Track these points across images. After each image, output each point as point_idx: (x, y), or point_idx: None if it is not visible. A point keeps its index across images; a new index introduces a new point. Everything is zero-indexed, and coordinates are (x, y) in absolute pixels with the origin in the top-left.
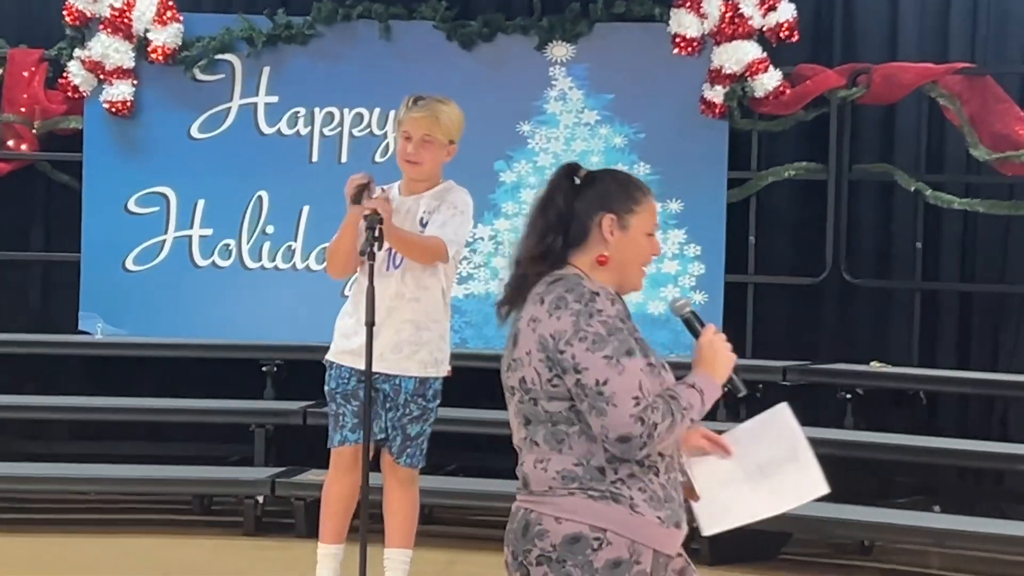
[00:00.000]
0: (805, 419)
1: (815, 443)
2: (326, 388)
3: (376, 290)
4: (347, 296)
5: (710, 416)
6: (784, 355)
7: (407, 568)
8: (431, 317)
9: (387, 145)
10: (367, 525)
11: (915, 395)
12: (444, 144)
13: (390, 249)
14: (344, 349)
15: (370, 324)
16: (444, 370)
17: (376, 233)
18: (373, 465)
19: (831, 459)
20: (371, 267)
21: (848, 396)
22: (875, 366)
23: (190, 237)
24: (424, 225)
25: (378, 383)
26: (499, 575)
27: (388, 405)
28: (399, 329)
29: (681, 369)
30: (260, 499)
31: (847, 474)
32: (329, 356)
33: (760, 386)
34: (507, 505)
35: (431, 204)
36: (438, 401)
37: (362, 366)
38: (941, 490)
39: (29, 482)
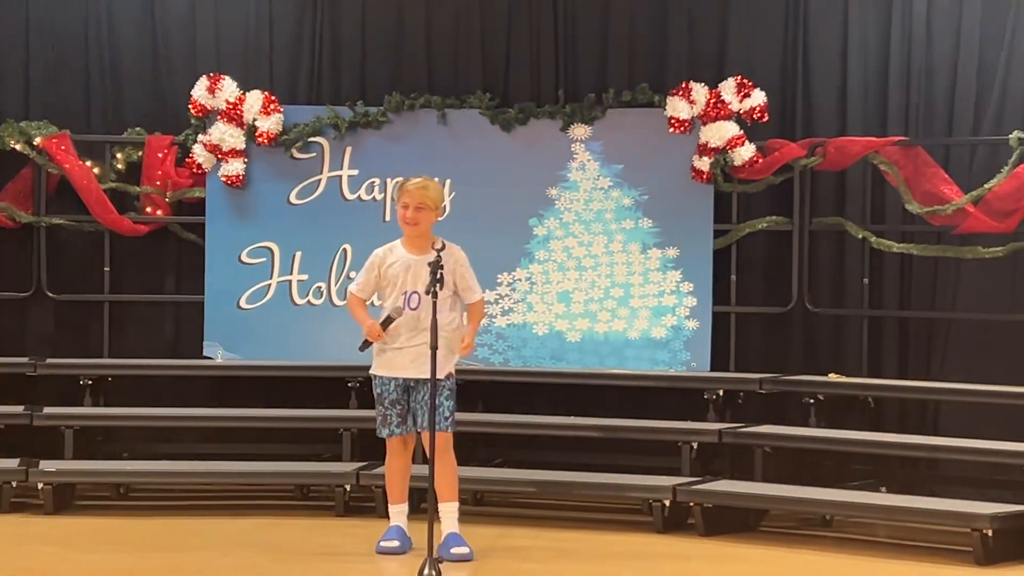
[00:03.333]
0: (778, 420)
1: (787, 439)
2: (375, 392)
3: (399, 322)
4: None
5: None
6: (760, 369)
7: (456, 516)
8: (438, 340)
9: (445, 207)
10: (434, 507)
11: (865, 399)
12: (433, 209)
13: (405, 293)
14: (381, 363)
15: (434, 348)
16: (450, 373)
17: (438, 276)
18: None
19: (800, 451)
20: (435, 303)
21: (811, 401)
22: (832, 377)
23: (290, 281)
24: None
25: (409, 385)
26: (535, 544)
27: (416, 399)
28: (418, 349)
29: (670, 380)
30: (348, 487)
31: (812, 463)
32: (373, 370)
33: (742, 394)
34: (541, 490)
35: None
36: (452, 381)
37: (397, 375)
38: (887, 475)
39: (165, 476)
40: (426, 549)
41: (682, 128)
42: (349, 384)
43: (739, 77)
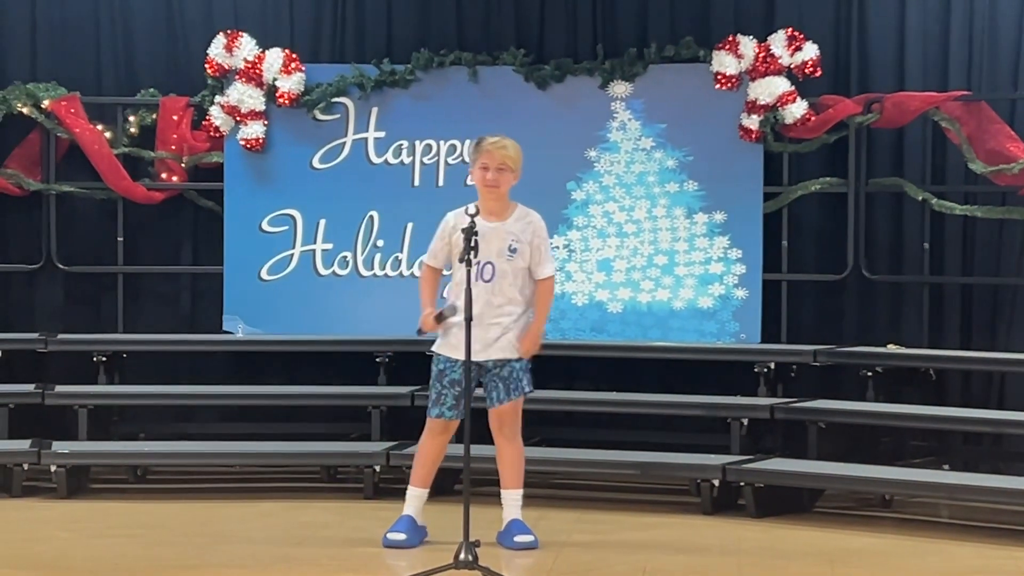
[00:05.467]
0: (833, 394)
1: (842, 414)
2: (434, 370)
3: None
4: (444, 298)
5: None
6: (814, 340)
7: (520, 503)
8: (513, 319)
9: None
10: (469, 489)
11: (925, 372)
12: (513, 171)
13: (479, 263)
14: (447, 344)
15: (468, 319)
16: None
17: (472, 243)
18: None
19: (856, 427)
20: (468, 272)
21: (869, 374)
22: (891, 348)
23: (314, 251)
24: (512, 251)
25: (473, 371)
26: (576, 527)
27: (487, 379)
28: (486, 330)
29: (718, 353)
30: (377, 468)
31: (869, 439)
32: (435, 348)
33: (794, 367)
34: (582, 471)
35: (515, 230)
36: (517, 355)
37: (461, 357)
38: (949, 451)
39: (184, 457)
40: (461, 534)
41: (729, 84)
42: (378, 359)
43: (790, 29)
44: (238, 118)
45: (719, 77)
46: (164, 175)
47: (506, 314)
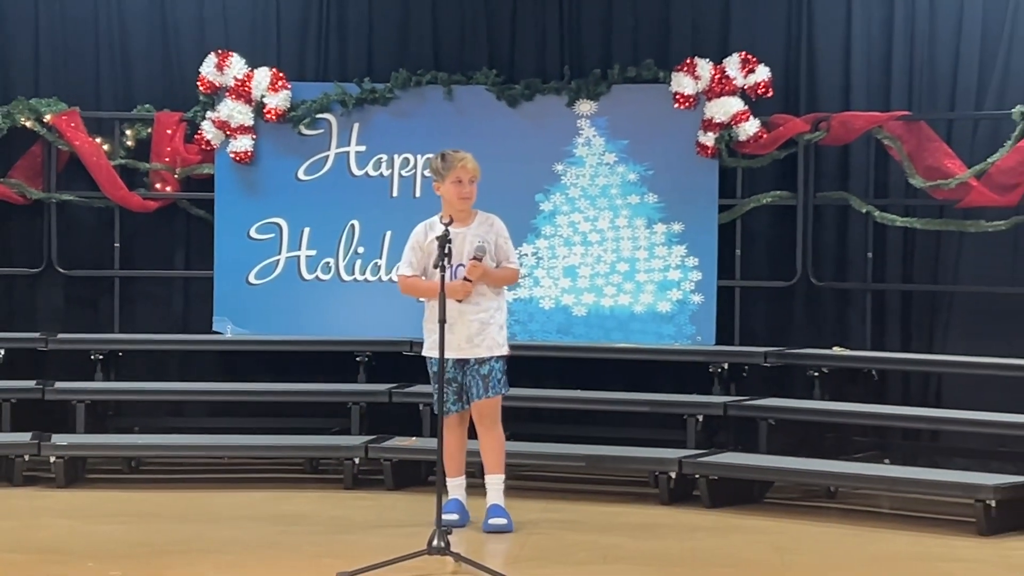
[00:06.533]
0: (782, 393)
1: (791, 412)
2: (430, 371)
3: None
4: (422, 301)
5: (704, 391)
6: (765, 343)
7: (502, 488)
8: (490, 315)
9: None
10: (443, 479)
11: (868, 372)
12: (478, 180)
13: (452, 267)
14: (435, 345)
15: (442, 321)
16: (504, 351)
17: (446, 250)
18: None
19: (804, 424)
20: (443, 277)
21: (816, 374)
22: (836, 350)
23: (298, 257)
24: (480, 251)
25: (464, 361)
26: (543, 516)
27: (468, 373)
28: (468, 325)
29: (675, 354)
30: (356, 460)
31: (816, 435)
32: (425, 352)
33: (746, 367)
34: (549, 463)
35: (479, 233)
36: (500, 352)
37: (450, 355)
38: (890, 446)
39: (176, 449)
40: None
41: (687, 103)
42: (357, 358)
43: (743, 53)
44: (228, 132)
45: (678, 97)
46: (158, 185)
47: (483, 309)
